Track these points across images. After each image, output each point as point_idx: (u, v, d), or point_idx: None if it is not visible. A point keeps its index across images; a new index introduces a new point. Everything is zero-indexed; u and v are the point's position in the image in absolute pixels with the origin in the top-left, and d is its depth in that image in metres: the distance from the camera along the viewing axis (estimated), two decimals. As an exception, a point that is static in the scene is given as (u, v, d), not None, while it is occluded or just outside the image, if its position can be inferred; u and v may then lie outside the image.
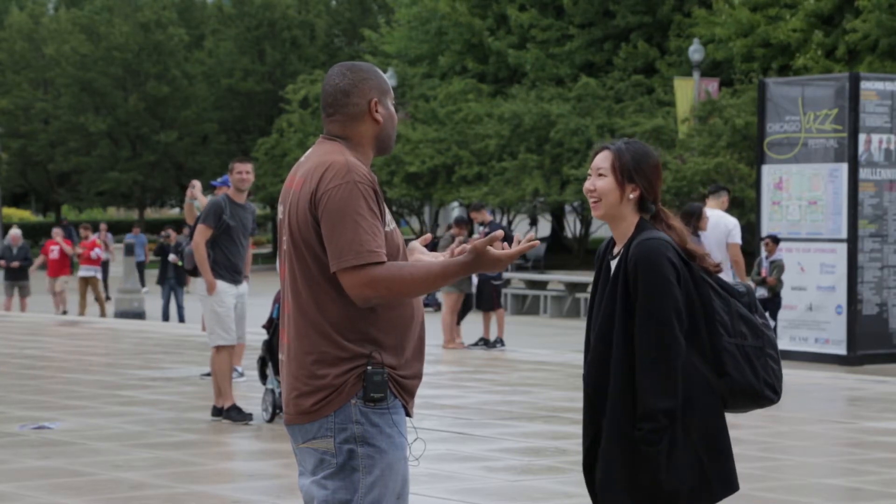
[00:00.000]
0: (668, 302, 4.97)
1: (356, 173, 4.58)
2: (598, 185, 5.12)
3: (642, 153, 5.13)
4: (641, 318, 4.98)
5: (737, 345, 5.06)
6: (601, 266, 5.22)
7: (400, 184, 45.08)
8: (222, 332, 12.71)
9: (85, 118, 58.99)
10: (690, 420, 4.99)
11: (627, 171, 5.08)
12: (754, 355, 5.09)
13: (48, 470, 10.39)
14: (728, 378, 5.04)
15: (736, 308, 5.11)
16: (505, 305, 25.44)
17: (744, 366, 5.06)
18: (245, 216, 12.96)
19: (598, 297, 5.18)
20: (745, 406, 5.15)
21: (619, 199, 5.09)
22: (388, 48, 51.09)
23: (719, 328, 5.05)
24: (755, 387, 5.08)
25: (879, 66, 34.89)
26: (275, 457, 11.17)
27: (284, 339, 4.75)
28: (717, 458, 5.03)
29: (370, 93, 4.73)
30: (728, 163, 34.60)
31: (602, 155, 5.15)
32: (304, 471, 4.74)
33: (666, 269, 4.99)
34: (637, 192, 5.10)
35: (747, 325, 5.11)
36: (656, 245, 5.02)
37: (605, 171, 5.11)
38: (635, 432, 4.96)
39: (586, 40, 46.00)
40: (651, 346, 4.95)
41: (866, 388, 16.03)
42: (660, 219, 5.16)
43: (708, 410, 5.03)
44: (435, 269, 4.57)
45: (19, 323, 25.04)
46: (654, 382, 4.93)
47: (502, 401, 14.50)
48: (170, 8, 62.60)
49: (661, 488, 4.96)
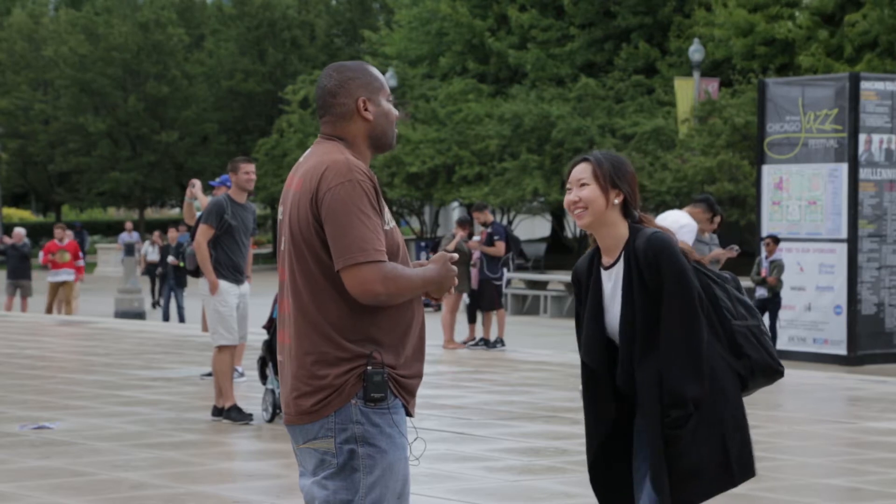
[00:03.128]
0: (693, 289, 5.12)
1: (357, 172, 4.59)
2: (582, 195, 5.21)
3: (619, 161, 5.27)
4: (669, 305, 5.08)
5: (744, 326, 5.22)
6: (588, 280, 5.28)
7: (400, 184, 45.07)
8: (225, 331, 12.71)
9: (84, 119, 58.98)
10: (715, 404, 5.11)
11: (609, 177, 5.20)
12: (758, 333, 5.28)
13: (48, 470, 10.39)
14: (747, 359, 5.21)
15: (732, 292, 5.29)
16: (505, 305, 25.42)
17: (756, 345, 5.23)
18: (246, 216, 12.96)
19: (591, 310, 5.25)
20: (761, 384, 5.31)
21: (605, 206, 5.18)
22: (387, 50, 51.09)
23: (725, 313, 5.21)
24: (770, 362, 5.25)
25: (879, 65, 34.88)
26: (275, 457, 11.17)
27: (283, 340, 4.74)
28: (738, 442, 5.16)
29: (357, 91, 4.74)
30: (731, 160, 34.60)
31: (580, 167, 5.26)
32: (305, 471, 4.74)
33: (683, 258, 5.14)
34: (621, 197, 5.21)
35: (744, 307, 5.29)
36: (668, 237, 5.15)
37: (587, 179, 5.22)
38: (664, 419, 5.05)
39: (587, 41, 46.00)
40: (679, 332, 5.07)
41: (866, 388, 16.03)
42: (644, 224, 5.28)
43: (731, 394, 5.16)
44: (429, 272, 4.66)
45: (19, 323, 25.05)
46: (684, 369, 5.05)
47: (502, 401, 14.50)
48: (169, 8, 62.57)
49: (686, 468, 5.05)
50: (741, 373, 5.17)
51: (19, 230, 29.96)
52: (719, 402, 5.11)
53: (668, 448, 5.08)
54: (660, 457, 5.08)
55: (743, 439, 5.17)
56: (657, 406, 5.07)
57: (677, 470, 5.09)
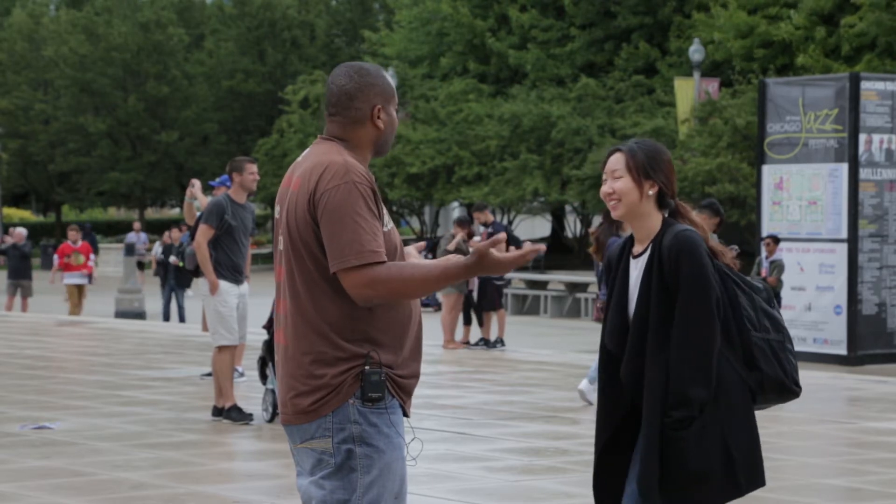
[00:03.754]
0: (711, 292, 5.06)
1: (354, 173, 4.58)
2: (616, 187, 5.18)
3: (654, 150, 5.21)
4: (684, 305, 5.03)
5: (764, 339, 5.13)
6: (619, 267, 5.26)
7: (400, 184, 45.08)
8: (225, 331, 12.72)
9: (84, 119, 58.98)
10: (722, 412, 5.05)
11: (643, 168, 5.16)
12: (779, 349, 5.18)
13: (48, 470, 10.39)
14: (759, 372, 5.12)
15: (759, 303, 5.18)
16: (505, 305, 25.42)
17: (772, 360, 5.14)
18: (246, 216, 12.96)
19: (617, 295, 5.21)
20: (772, 400, 5.22)
21: (639, 197, 5.16)
22: (387, 50, 51.08)
23: (746, 323, 5.13)
24: (784, 381, 5.17)
25: (879, 65, 34.89)
26: (275, 457, 11.16)
27: (280, 340, 4.74)
28: (745, 451, 5.09)
29: (375, 98, 4.72)
30: (730, 163, 34.60)
31: (615, 157, 5.22)
32: (302, 471, 4.74)
33: (706, 260, 5.08)
34: (655, 188, 5.18)
35: (770, 320, 5.19)
36: (694, 236, 5.11)
37: (621, 171, 5.18)
38: (664, 419, 5.01)
39: (587, 41, 45.99)
40: (691, 334, 5.02)
41: (866, 388, 16.02)
42: (680, 213, 5.24)
43: (739, 404, 5.09)
44: (435, 270, 4.54)
45: (20, 323, 25.04)
46: (691, 370, 5.00)
47: (502, 401, 14.50)
48: (169, 8, 62.56)
49: (689, 473, 5.00)
50: (751, 385, 5.10)
51: (20, 230, 29.94)
52: (724, 409, 5.05)
53: (668, 451, 5.04)
54: (652, 458, 5.04)
55: (750, 448, 5.10)
56: (660, 405, 5.04)
57: (680, 475, 5.05)
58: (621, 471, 5.25)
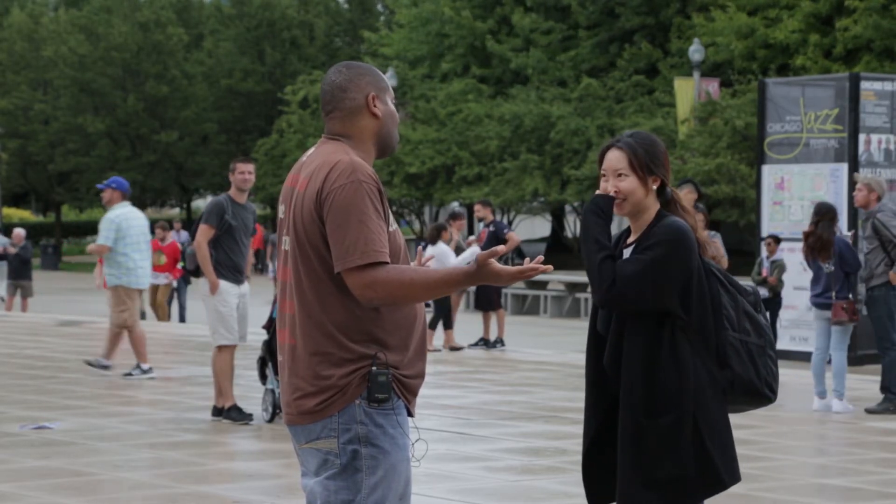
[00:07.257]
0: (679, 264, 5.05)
1: (361, 173, 4.57)
2: (621, 187, 5.17)
3: (651, 144, 5.22)
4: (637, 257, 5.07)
5: (740, 340, 5.13)
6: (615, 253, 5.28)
7: (400, 184, 45.08)
8: (225, 331, 12.73)
9: (84, 119, 58.96)
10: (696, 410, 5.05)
11: (646, 165, 5.17)
12: (756, 353, 5.17)
13: (48, 470, 10.39)
14: (730, 371, 5.12)
15: (742, 305, 5.17)
16: (505, 305, 25.42)
17: (746, 361, 5.13)
18: (246, 216, 12.98)
19: None
20: (743, 402, 5.22)
21: (644, 195, 5.18)
22: (387, 50, 51.06)
23: (725, 322, 5.12)
24: (755, 383, 5.16)
25: (878, 66, 34.90)
26: (275, 457, 11.16)
27: (283, 340, 4.73)
28: (721, 447, 5.09)
29: (367, 87, 4.72)
30: (729, 163, 34.61)
31: (615, 155, 5.20)
32: (307, 471, 4.73)
33: (690, 243, 5.09)
34: (658, 182, 5.20)
35: (752, 323, 5.18)
36: (683, 224, 5.12)
37: (625, 170, 5.17)
38: None
39: (591, 44, 45.89)
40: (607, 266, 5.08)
41: (866, 388, 16.01)
42: (674, 201, 5.25)
43: (710, 402, 5.08)
44: (436, 276, 4.54)
45: (20, 323, 25.03)
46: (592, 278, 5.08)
47: (502, 401, 14.50)
48: (167, 8, 62.53)
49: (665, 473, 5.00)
50: (722, 384, 5.09)
51: (19, 230, 29.94)
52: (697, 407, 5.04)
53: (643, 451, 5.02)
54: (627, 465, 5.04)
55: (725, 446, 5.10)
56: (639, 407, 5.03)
57: (658, 479, 5.04)
58: (610, 463, 5.21)
